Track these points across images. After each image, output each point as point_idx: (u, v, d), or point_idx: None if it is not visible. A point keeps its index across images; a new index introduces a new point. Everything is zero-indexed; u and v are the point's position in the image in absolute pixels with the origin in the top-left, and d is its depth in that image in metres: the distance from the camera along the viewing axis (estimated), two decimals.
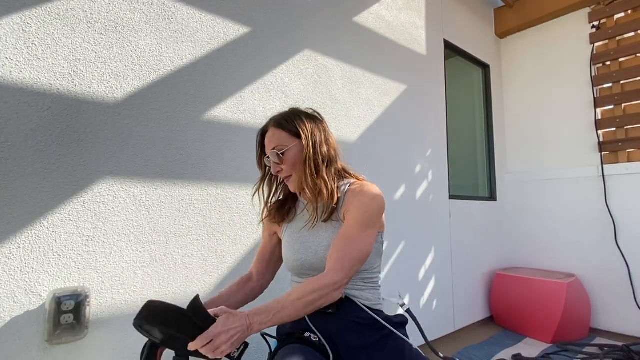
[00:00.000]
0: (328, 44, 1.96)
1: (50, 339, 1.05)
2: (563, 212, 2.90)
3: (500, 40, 3.47)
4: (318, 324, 1.00)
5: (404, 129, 2.36)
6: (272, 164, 1.08)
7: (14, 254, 1.03)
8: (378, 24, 2.26)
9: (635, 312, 2.47)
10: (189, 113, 1.42)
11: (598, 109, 2.79)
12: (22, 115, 1.07)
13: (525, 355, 2.15)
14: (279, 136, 1.08)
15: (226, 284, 1.45)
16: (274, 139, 1.08)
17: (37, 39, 1.11)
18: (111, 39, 1.26)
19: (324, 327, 1.00)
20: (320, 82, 1.90)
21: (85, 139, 1.18)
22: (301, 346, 0.94)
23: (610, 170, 2.67)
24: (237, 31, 1.60)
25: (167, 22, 1.40)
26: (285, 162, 1.06)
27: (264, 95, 1.66)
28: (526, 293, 2.59)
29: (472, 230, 2.84)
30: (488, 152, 3.22)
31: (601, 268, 2.66)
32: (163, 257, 1.32)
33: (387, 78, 2.28)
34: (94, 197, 1.18)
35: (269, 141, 1.09)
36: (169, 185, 1.35)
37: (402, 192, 2.28)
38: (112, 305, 1.19)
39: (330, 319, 1.00)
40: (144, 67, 1.32)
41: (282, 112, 1.14)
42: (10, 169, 1.04)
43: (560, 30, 3.06)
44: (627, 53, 2.67)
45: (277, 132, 1.09)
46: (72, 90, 1.16)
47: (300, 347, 0.93)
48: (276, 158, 1.06)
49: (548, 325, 2.40)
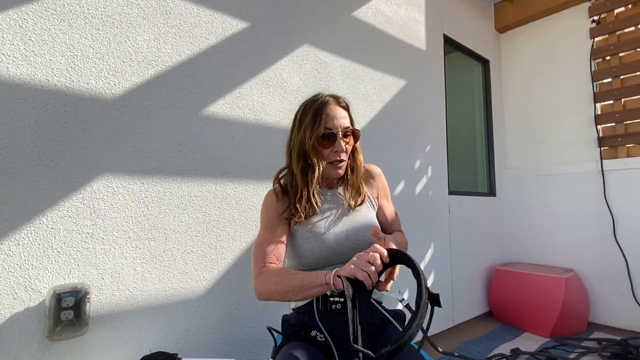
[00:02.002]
0: (327, 39, 1.95)
1: (50, 335, 1.06)
2: (562, 208, 2.90)
3: (500, 35, 3.45)
4: (325, 323, 0.97)
5: (404, 125, 2.36)
6: (343, 143, 1.04)
7: (13, 250, 1.03)
8: (377, 19, 2.25)
9: (633, 306, 2.48)
10: (188, 109, 1.42)
11: (598, 104, 2.78)
12: (19, 111, 1.06)
13: (524, 350, 2.17)
14: (347, 118, 1.08)
15: (226, 281, 1.46)
16: (346, 119, 1.08)
17: (34, 35, 1.10)
18: (108, 35, 1.25)
19: (332, 326, 0.97)
20: (320, 77, 1.90)
21: (83, 136, 1.17)
22: (305, 344, 0.91)
23: (609, 166, 2.67)
24: (235, 26, 1.58)
25: (165, 18, 1.39)
26: (349, 145, 1.09)
27: (262, 91, 1.65)
28: (525, 288, 2.60)
29: (471, 226, 2.85)
30: (487, 148, 3.21)
31: (600, 263, 2.67)
32: (162, 253, 1.32)
33: (387, 73, 2.27)
34: (93, 193, 1.18)
35: (343, 118, 1.06)
36: (168, 181, 1.35)
37: (402, 187, 2.28)
38: (112, 302, 1.19)
39: (339, 318, 0.96)
40: (141, 63, 1.31)
41: (342, 97, 1.12)
42: (9, 166, 1.04)
43: (560, 25, 3.05)
44: (627, 48, 2.66)
45: (346, 114, 1.09)
46: (70, 87, 1.16)
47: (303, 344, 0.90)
48: (351, 139, 1.08)
49: (546, 319, 2.42)
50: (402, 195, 2.28)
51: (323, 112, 1.03)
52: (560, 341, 2.30)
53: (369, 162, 1.24)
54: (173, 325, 1.32)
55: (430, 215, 2.47)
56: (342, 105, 1.09)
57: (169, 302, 1.32)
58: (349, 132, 1.07)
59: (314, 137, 1.02)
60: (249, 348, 1.50)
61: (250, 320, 1.52)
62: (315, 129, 1.02)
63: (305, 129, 1.04)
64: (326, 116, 1.03)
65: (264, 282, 0.94)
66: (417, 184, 2.40)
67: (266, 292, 0.93)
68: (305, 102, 1.09)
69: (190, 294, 1.37)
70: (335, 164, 1.06)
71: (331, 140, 1.04)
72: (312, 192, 1.04)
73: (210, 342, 1.40)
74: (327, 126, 1.03)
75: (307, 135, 1.03)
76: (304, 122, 1.04)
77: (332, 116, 1.03)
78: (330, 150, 1.05)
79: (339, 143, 1.04)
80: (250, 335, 1.51)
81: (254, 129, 1.61)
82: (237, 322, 1.48)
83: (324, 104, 1.05)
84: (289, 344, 0.92)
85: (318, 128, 1.02)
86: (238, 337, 1.47)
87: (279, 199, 1.07)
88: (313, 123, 1.02)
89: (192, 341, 1.36)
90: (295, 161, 1.06)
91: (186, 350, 1.33)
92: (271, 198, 1.08)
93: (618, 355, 2.03)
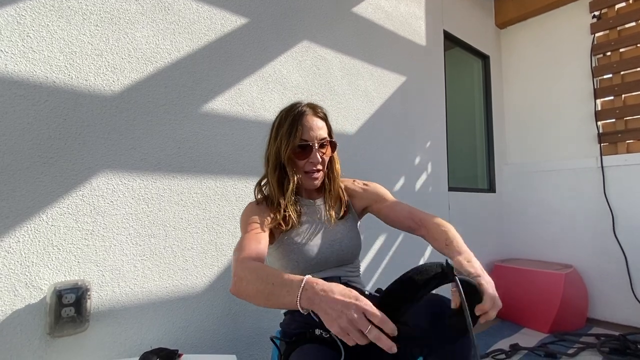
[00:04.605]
0: (326, 35, 1.95)
1: (52, 331, 1.06)
2: (561, 204, 2.91)
3: (500, 31, 3.44)
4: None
5: (403, 121, 2.36)
6: (319, 155, 1.04)
7: (13, 247, 1.04)
8: (377, 15, 2.24)
9: (632, 302, 2.49)
10: (187, 106, 1.41)
11: (598, 100, 2.77)
12: (18, 108, 1.06)
13: (523, 345, 2.18)
14: (324, 129, 1.07)
15: (226, 278, 1.47)
16: (324, 130, 1.06)
17: (32, 31, 1.10)
18: (107, 31, 1.24)
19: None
20: (319, 73, 1.89)
21: (82, 132, 1.17)
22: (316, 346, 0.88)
23: (609, 162, 2.67)
24: (234, 22, 1.58)
25: (164, 14, 1.38)
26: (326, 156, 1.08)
27: (262, 88, 1.65)
28: (524, 284, 2.61)
29: (471, 222, 2.85)
30: (487, 144, 3.21)
31: (599, 259, 2.67)
32: (163, 250, 1.32)
33: (386, 69, 2.27)
34: (93, 190, 1.18)
35: (319, 129, 1.04)
36: (168, 178, 1.35)
37: (402, 184, 2.28)
38: (113, 298, 1.20)
39: None
40: (140, 60, 1.31)
41: (320, 107, 1.10)
42: (8, 163, 1.04)
43: (560, 20, 3.04)
44: (628, 43, 2.65)
45: (324, 124, 1.07)
46: (69, 83, 1.15)
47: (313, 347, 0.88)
48: (328, 150, 1.07)
49: (546, 315, 2.42)
50: (402, 191, 2.28)
51: (299, 123, 1.02)
52: (559, 337, 2.31)
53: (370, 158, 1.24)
54: (174, 322, 1.32)
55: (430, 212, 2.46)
56: (320, 115, 1.08)
57: (169, 299, 1.32)
58: (326, 143, 1.07)
59: (289, 148, 1.02)
60: (250, 344, 1.51)
61: (250, 317, 1.52)
62: (291, 140, 1.01)
63: (281, 139, 1.03)
64: (302, 127, 1.02)
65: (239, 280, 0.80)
66: (416, 180, 2.40)
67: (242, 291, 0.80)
68: (282, 111, 1.09)
69: (191, 290, 1.38)
70: (311, 174, 1.06)
71: (307, 151, 1.03)
72: (287, 203, 1.03)
73: (211, 338, 1.41)
74: (303, 137, 1.02)
75: (282, 146, 1.02)
76: (280, 132, 1.04)
77: (309, 127, 1.03)
78: (305, 161, 1.05)
79: (314, 154, 1.04)
80: (250, 332, 1.52)
81: (253, 125, 1.60)
82: (237, 318, 1.48)
83: (301, 114, 1.03)
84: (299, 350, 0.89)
85: (294, 139, 1.01)
86: (238, 333, 1.48)
87: (260, 207, 1.06)
88: (289, 134, 1.01)
89: (192, 337, 1.36)
90: (272, 170, 1.06)
91: (187, 347, 1.33)
92: (251, 207, 1.07)
93: (617, 350, 2.04)
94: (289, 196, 1.04)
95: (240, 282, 0.80)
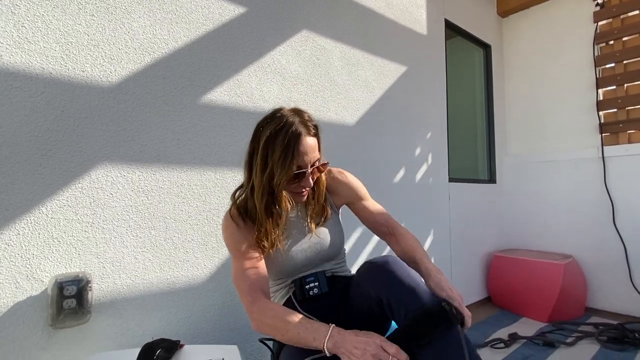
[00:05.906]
0: (326, 24, 1.92)
1: (54, 323, 1.07)
2: (562, 194, 2.90)
3: (502, 20, 3.39)
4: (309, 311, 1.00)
5: (404, 111, 2.34)
6: (311, 180, 0.99)
7: (13, 240, 1.04)
8: (377, 3, 2.21)
9: (631, 291, 2.51)
10: (185, 97, 1.40)
11: (600, 90, 2.75)
12: (14, 100, 1.05)
13: (522, 334, 2.20)
14: (316, 147, 0.98)
15: (227, 269, 1.47)
16: (316, 150, 0.98)
17: (27, 21, 1.08)
18: (103, 21, 1.22)
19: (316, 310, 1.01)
20: (319, 63, 1.87)
21: (80, 124, 1.16)
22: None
23: (610, 152, 2.66)
24: (232, 11, 1.55)
25: (161, 3, 1.36)
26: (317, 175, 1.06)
27: (261, 78, 1.63)
28: (524, 274, 2.62)
29: (471, 213, 2.86)
30: (488, 134, 3.19)
31: (598, 249, 2.68)
32: (163, 241, 1.32)
33: (387, 59, 2.24)
34: (92, 183, 1.18)
35: (314, 151, 0.97)
36: (167, 170, 1.35)
37: (402, 175, 2.28)
38: (114, 290, 1.20)
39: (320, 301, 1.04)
40: (137, 50, 1.29)
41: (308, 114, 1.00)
42: (6, 155, 1.03)
43: (563, 9, 2.99)
44: (631, 32, 2.61)
45: (315, 142, 0.98)
46: (65, 74, 1.14)
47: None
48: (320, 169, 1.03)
49: (545, 305, 2.44)
50: (402, 182, 2.27)
51: (295, 149, 0.91)
52: (557, 326, 2.33)
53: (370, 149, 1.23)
54: (175, 313, 1.33)
55: (430, 203, 2.47)
56: (312, 133, 0.97)
57: (170, 290, 1.33)
58: (319, 164, 1.01)
59: (284, 178, 0.92)
60: (251, 334, 1.52)
61: None
62: (286, 169, 0.91)
63: (273, 167, 0.92)
64: (298, 154, 0.92)
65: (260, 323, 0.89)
66: (417, 171, 2.40)
67: (264, 331, 0.90)
68: (268, 124, 0.96)
69: (192, 281, 1.38)
70: (300, 193, 1.02)
71: (300, 176, 0.97)
72: (276, 234, 1.01)
73: (212, 329, 1.42)
74: (299, 164, 0.94)
75: (276, 176, 0.92)
76: (271, 158, 0.92)
77: (304, 152, 0.93)
78: (296, 184, 1.00)
79: (307, 179, 0.97)
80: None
81: (252, 116, 1.59)
82: (238, 309, 1.49)
83: (295, 136, 0.91)
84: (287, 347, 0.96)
85: (289, 169, 0.91)
86: (239, 323, 1.49)
87: (239, 226, 1.01)
88: (283, 162, 0.90)
89: (194, 328, 1.37)
90: (259, 196, 0.96)
91: (188, 337, 1.34)
92: (231, 224, 1.01)
93: (615, 339, 2.06)
94: (282, 228, 1.03)
95: (261, 326, 0.89)
